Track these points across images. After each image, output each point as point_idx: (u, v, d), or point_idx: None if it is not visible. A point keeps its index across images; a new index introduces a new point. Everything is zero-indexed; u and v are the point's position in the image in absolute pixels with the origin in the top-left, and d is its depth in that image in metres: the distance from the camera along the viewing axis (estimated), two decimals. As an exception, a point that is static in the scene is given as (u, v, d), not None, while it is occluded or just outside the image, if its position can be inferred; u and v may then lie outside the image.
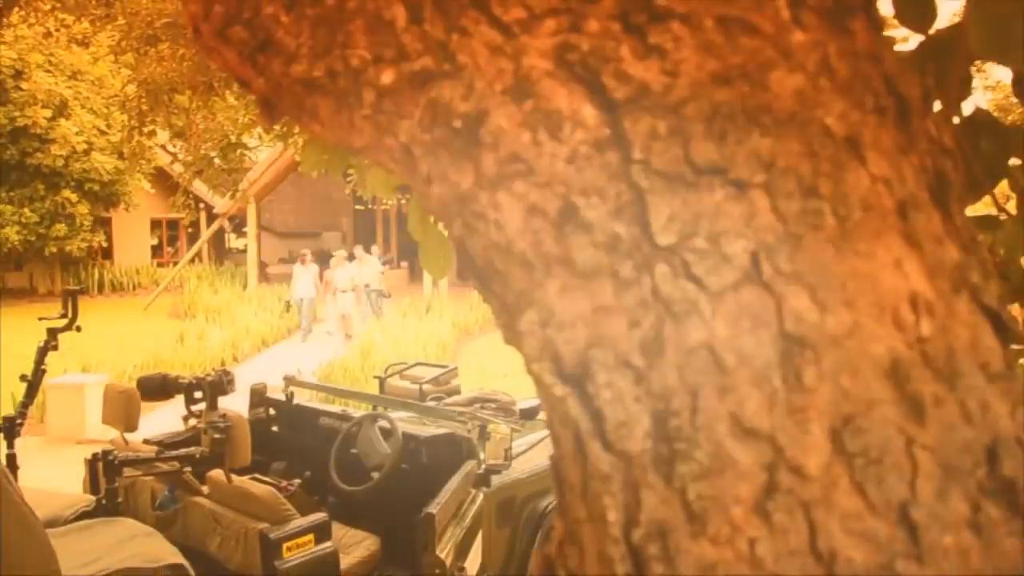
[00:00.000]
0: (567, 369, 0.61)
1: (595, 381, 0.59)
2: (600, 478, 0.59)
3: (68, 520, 3.93)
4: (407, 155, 0.79)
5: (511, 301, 0.69)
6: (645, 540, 0.56)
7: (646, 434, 0.57)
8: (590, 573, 0.63)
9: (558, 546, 0.71)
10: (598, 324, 0.60)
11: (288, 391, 5.23)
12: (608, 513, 0.58)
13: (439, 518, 3.72)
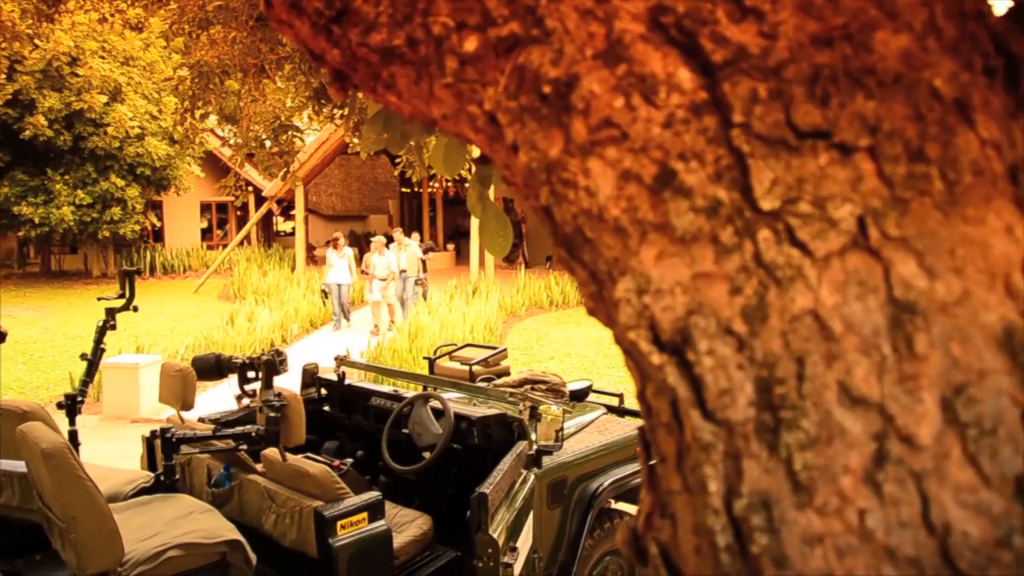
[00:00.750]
0: (665, 337, 0.60)
1: (695, 348, 0.58)
2: (700, 447, 0.57)
3: (128, 495, 4.01)
4: (491, 124, 0.78)
5: (602, 269, 0.68)
6: (748, 511, 0.55)
7: (749, 402, 0.56)
8: (684, 546, 0.62)
9: (646, 519, 0.71)
10: (698, 291, 0.59)
11: (340, 371, 5.27)
12: (708, 483, 0.57)
13: (492, 498, 3.73)
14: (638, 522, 0.72)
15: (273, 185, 21.59)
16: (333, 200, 31.64)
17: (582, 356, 12.83)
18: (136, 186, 21.52)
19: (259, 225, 25.93)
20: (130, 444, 8.62)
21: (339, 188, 31.89)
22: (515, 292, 17.12)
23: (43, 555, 4.24)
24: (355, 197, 32.31)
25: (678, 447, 0.61)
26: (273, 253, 24.68)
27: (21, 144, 20.12)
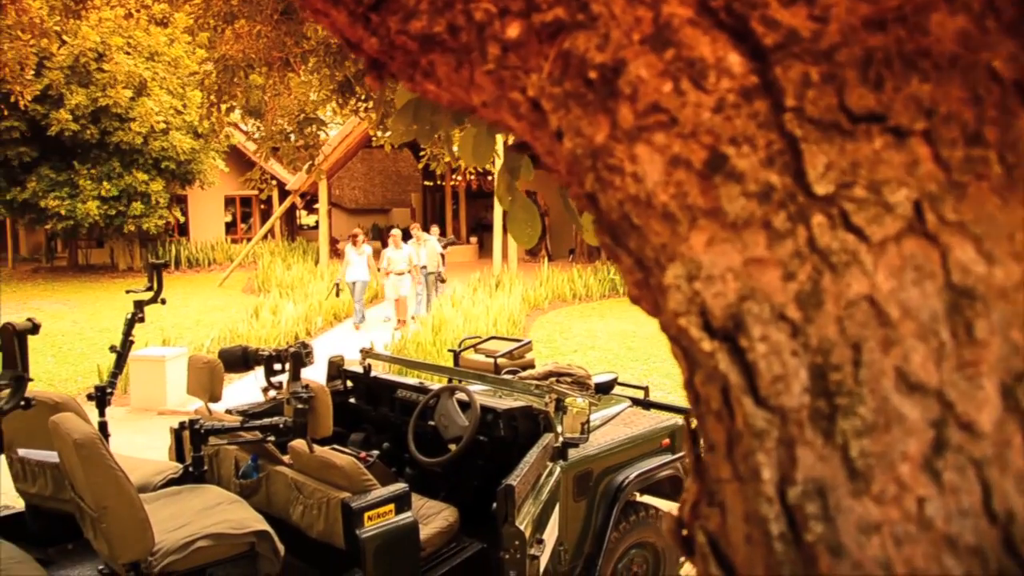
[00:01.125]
0: (716, 323, 0.59)
1: (748, 335, 0.57)
2: (752, 435, 0.57)
3: (157, 486, 4.05)
4: (534, 110, 0.77)
5: (649, 256, 0.67)
6: (802, 499, 0.54)
7: (804, 389, 0.55)
8: (734, 534, 0.62)
9: (692, 508, 0.70)
10: (750, 276, 0.58)
11: (365, 363, 5.29)
12: (762, 471, 0.56)
13: (518, 490, 3.73)
14: (684, 511, 0.72)
15: (297, 179, 21.69)
16: (356, 194, 31.72)
17: (605, 349, 12.81)
18: (161, 180, 21.69)
19: (283, 219, 26.05)
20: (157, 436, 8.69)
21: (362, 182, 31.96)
22: (538, 285, 17.12)
23: (75, 544, 4.29)
24: (378, 191, 32.37)
25: (728, 435, 0.61)
26: (297, 247, 24.80)
27: (48, 139, 20.33)
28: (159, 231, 23.02)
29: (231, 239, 27.24)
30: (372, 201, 32.06)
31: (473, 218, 28.82)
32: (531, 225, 2.12)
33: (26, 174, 20.76)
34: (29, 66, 9.16)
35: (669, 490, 5.30)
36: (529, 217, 2.11)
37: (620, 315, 15.59)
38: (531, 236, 2.13)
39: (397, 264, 14.78)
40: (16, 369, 2.57)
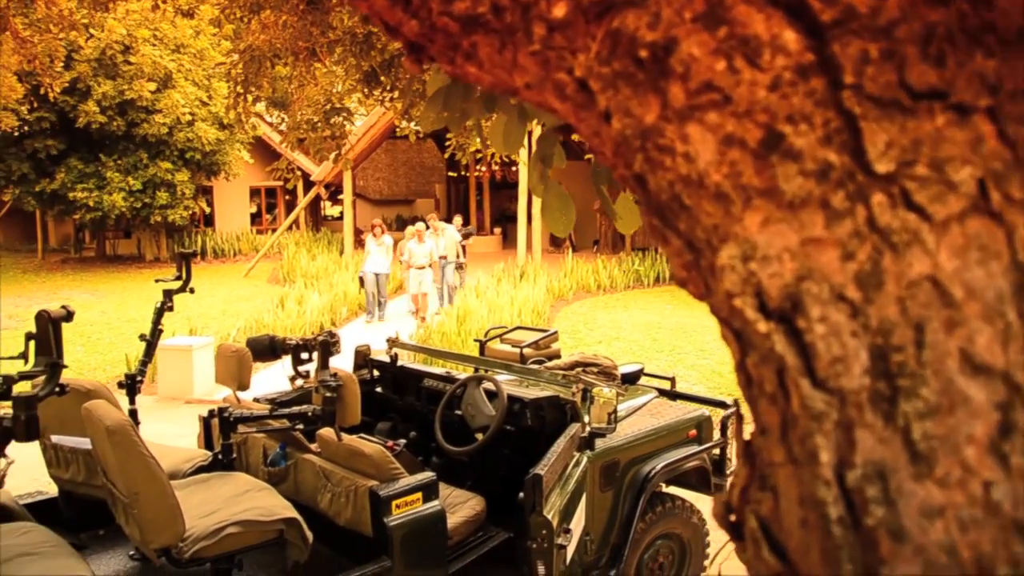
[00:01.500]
0: (772, 304, 0.58)
1: (807, 315, 0.56)
2: (810, 417, 0.56)
3: (186, 473, 4.08)
4: (580, 91, 0.76)
5: (699, 237, 0.66)
6: (862, 482, 0.53)
7: (864, 370, 0.54)
8: (787, 518, 0.61)
9: (742, 492, 0.69)
10: (807, 257, 0.57)
11: (392, 353, 5.30)
12: (819, 453, 0.55)
13: (546, 480, 3.73)
14: (732, 496, 0.71)
15: (321, 169, 21.76)
16: (380, 184, 31.80)
17: (630, 340, 12.78)
18: (186, 171, 21.82)
19: (307, 210, 26.16)
20: (185, 424, 8.78)
21: (386, 172, 32.03)
22: (562, 276, 17.09)
23: (106, 530, 4.34)
24: (402, 181, 32.44)
25: (783, 418, 0.60)
26: (321, 237, 24.89)
27: (76, 131, 20.50)
28: (185, 222, 23.16)
29: (256, 230, 27.38)
30: (396, 192, 32.13)
31: (497, 209, 28.79)
32: (565, 213, 2.12)
33: (55, 166, 20.96)
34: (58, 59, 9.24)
35: (695, 481, 5.29)
36: (563, 205, 2.10)
37: (645, 306, 15.54)
38: (565, 225, 2.12)
39: (418, 258, 14.42)
40: (51, 356, 2.60)
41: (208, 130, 21.49)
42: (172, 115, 20.48)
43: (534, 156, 2.05)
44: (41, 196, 21.35)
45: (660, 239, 0.75)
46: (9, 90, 15.02)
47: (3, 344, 12.93)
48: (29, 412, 2.42)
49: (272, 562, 4.08)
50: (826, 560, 0.55)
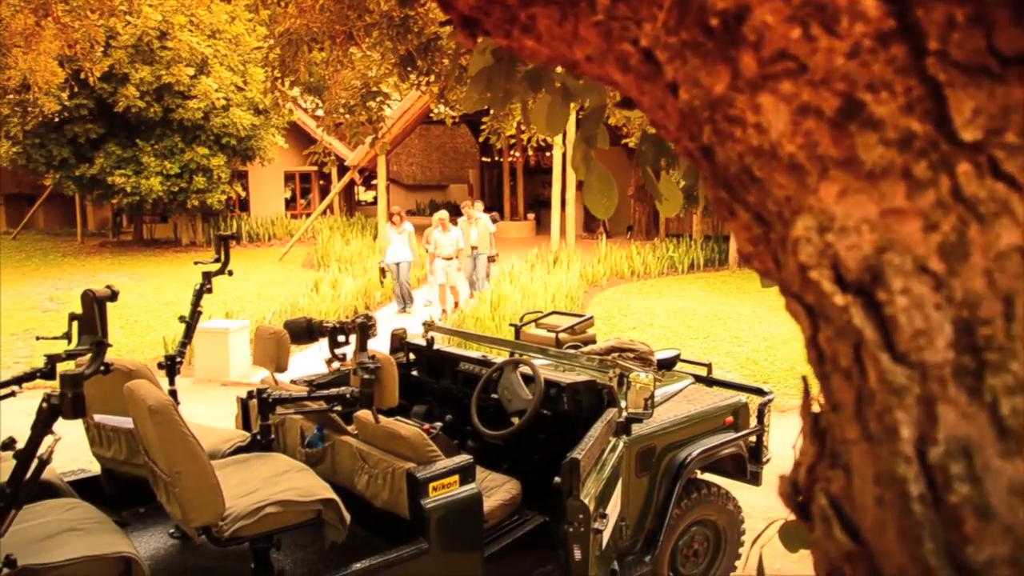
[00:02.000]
0: (850, 276, 0.57)
1: (888, 287, 0.55)
2: (890, 392, 0.54)
3: (225, 453, 4.12)
4: (645, 62, 0.75)
5: (771, 210, 0.65)
6: (945, 459, 0.52)
7: (948, 344, 0.53)
8: (861, 496, 0.60)
9: (809, 471, 0.68)
10: (888, 228, 0.55)
11: (428, 336, 5.32)
12: (900, 429, 0.54)
13: (583, 464, 3.72)
14: (798, 474, 0.70)
15: (356, 154, 21.83)
16: (414, 170, 31.88)
17: (664, 327, 12.73)
18: (222, 156, 21.98)
19: (341, 195, 26.27)
20: (222, 406, 8.86)
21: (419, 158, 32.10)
22: (596, 262, 17.04)
23: (147, 508, 4.40)
24: (435, 167, 32.49)
25: (858, 393, 0.58)
26: (355, 222, 25.00)
27: (115, 117, 20.72)
28: (221, 206, 23.35)
29: (291, 214, 27.56)
30: (430, 177, 32.20)
31: (530, 194, 28.75)
32: (607, 195, 2.10)
33: (94, 151, 21.20)
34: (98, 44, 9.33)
35: (731, 468, 5.26)
36: (605, 187, 2.09)
37: (679, 293, 15.47)
38: (608, 207, 2.11)
39: (444, 248, 13.66)
40: (96, 335, 2.63)
41: (243, 115, 21.63)
42: (207, 100, 20.63)
43: (577, 137, 2.03)
44: (80, 180, 21.62)
45: (727, 213, 0.74)
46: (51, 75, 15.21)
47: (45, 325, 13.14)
48: (76, 390, 2.46)
49: (309, 542, 4.11)
50: (904, 538, 0.54)
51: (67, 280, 18.86)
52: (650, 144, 1.98)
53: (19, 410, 7.54)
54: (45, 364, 4.10)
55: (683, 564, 4.99)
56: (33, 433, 2.57)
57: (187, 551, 4.09)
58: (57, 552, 2.87)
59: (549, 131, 2.09)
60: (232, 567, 3.91)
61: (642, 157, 1.99)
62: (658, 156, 1.99)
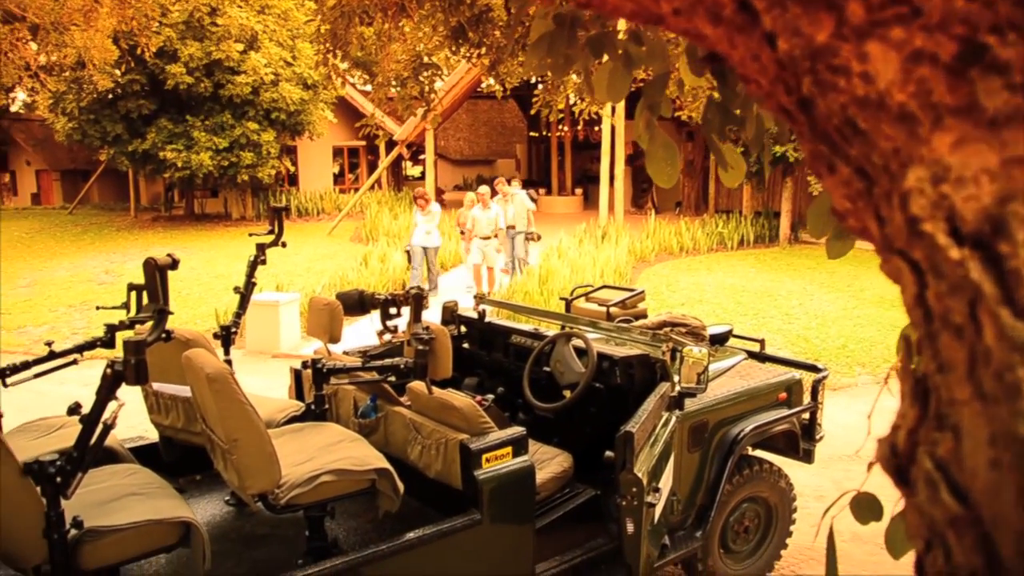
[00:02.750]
0: (967, 228, 0.54)
1: (1011, 240, 0.52)
2: (1010, 349, 0.52)
3: (280, 423, 4.17)
4: (739, 13, 0.73)
5: (876, 163, 0.62)
6: (1072, 418, 0.50)
7: (1076, 298, 0.50)
8: (971, 459, 0.57)
9: (910, 433, 0.66)
10: (1011, 177, 0.53)
11: (480, 309, 5.32)
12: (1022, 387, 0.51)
13: (637, 437, 3.70)
14: (897, 437, 0.68)
15: (404, 129, 21.88)
16: (461, 145, 31.88)
17: (713, 303, 12.62)
18: (271, 131, 22.15)
19: (389, 169, 26.36)
20: (272, 378, 8.98)
21: (467, 133, 32.08)
22: (644, 237, 16.93)
23: (203, 476, 4.48)
24: (483, 142, 32.44)
25: (972, 352, 0.56)
26: (403, 196, 25.08)
27: (166, 93, 20.98)
28: (270, 181, 23.57)
29: (339, 189, 27.74)
30: (477, 152, 32.17)
31: (578, 169, 28.59)
32: (670, 163, 2.07)
33: (146, 126, 21.50)
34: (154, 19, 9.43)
35: (783, 445, 5.20)
36: (668, 155, 2.06)
37: (728, 269, 15.31)
38: (670, 174, 2.08)
39: (482, 227, 12.72)
40: (158, 303, 2.67)
41: (292, 90, 21.76)
42: (256, 76, 20.79)
43: (640, 104, 2.00)
44: (133, 156, 21.95)
45: (824, 168, 0.71)
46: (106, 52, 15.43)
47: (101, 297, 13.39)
48: (138, 356, 2.49)
49: (362, 512, 4.16)
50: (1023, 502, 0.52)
51: (121, 254, 19.20)
52: (716, 111, 1.94)
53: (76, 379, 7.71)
54: (105, 333, 4.19)
55: (733, 540, 4.96)
56: (98, 399, 2.62)
57: (242, 518, 4.16)
58: (120, 515, 2.93)
59: (610, 97, 2.06)
60: (285, 535, 3.97)
61: (708, 125, 1.95)
62: (724, 124, 1.95)
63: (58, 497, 2.68)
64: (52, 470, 2.65)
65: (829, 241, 1.70)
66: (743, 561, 5.03)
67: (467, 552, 3.56)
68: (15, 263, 18.63)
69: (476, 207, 12.90)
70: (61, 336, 11.62)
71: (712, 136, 1.99)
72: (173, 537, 3.03)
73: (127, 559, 2.99)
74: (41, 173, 33.90)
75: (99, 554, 2.84)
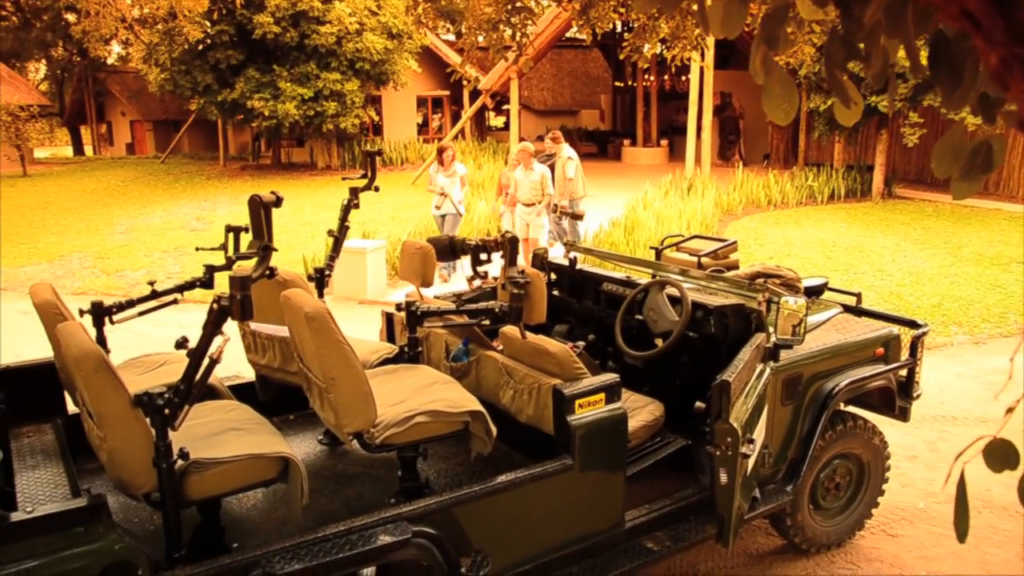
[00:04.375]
0: None
1: None
2: None
3: (373, 364, 4.22)
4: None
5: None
6: None
7: None
8: None
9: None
10: None
11: (570, 256, 5.28)
12: None
13: (734, 387, 3.63)
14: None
15: (488, 78, 21.75)
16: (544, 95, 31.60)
17: (802, 257, 12.34)
18: (356, 81, 22.26)
19: (473, 119, 26.32)
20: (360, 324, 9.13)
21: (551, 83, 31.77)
22: (731, 190, 16.60)
23: (296, 415, 4.57)
24: (567, 92, 32.10)
25: None
26: (487, 146, 25.05)
27: (253, 43, 21.24)
28: (355, 130, 23.74)
29: (422, 139, 27.83)
30: (561, 102, 31.86)
31: (664, 120, 28.11)
32: (788, 100, 1.98)
33: (234, 76, 21.82)
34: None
35: (878, 402, 5.06)
36: (786, 92, 1.97)
37: (818, 223, 14.93)
38: (787, 111, 1.99)
39: (525, 191, 10.73)
40: (263, 239, 2.70)
41: (377, 40, 21.80)
42: (341, 25, 20.87)
43: (757, 38, 1.92)
44: (222, 105, 22.34)
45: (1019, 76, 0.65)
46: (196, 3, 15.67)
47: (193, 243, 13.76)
48: (244, 292, 2.52)
49: (452, 454, 4.19)
50: None
51: (211, 201, 19.66)
52: (839, 44, 1.85)
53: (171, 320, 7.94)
54: (204, 274, 4.28)
55: (824, 497, 4.87)
56: (204, 333, 2.67)
57: (334, 457, 4.24)
58: (223, 449, 3.00)
59: (725, 31, 1.98)
60: (377, 474, 4.03)
61: (830, 59, 1.86)
62: (847, 58, 1.86)
63: (166, 428, 2.75)
64: (161, 402, 2.71)
65: (955, 181, 1.62)
66: (832, 518, 4.94)
67: (557, 497, 3.57)
68: (112, 210, 19.25)
69: (519, 169, 10.95)
70: (157, 280, 11.99)
71: (834, 70, 1.90)
72: (272, 472, 3.10)
73: (228, 491, 3.06)
74: (135, 123, 34.90)
75: (203, 485, 2.92)
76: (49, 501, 2.98)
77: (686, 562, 4.75)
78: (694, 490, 4.20)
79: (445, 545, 3.20)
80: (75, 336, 2.82)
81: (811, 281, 5.33)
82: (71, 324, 3.02)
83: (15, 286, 12.61)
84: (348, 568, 3.01)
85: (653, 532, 4.02)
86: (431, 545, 3.15)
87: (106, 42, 22.87)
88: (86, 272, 13.44)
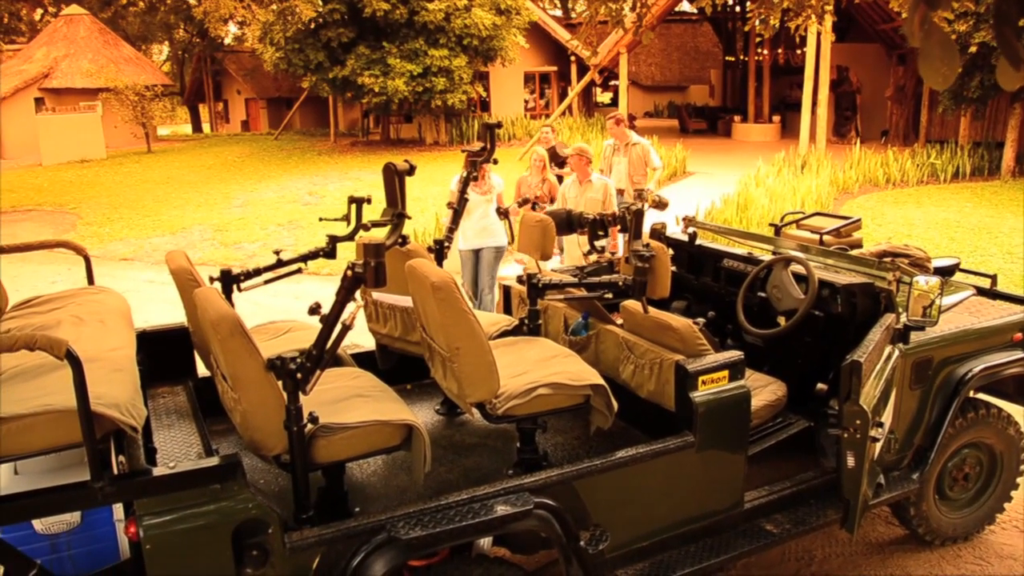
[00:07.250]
0: None
1: None
2: None
3: (492, 336, 4.22)
4: None
5: None
6: None
7: None
8: None
9: None
10: None
11: (689, 231, 5.18)
12: None
13: (864, 368, 3.50)
14: None
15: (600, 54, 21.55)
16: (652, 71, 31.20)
17: (924, 238, 11.87)
18: (463, 57, 22.36)
19: (580, 96, 26.15)
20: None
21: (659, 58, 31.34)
22: (847, 167, 16.08)
23: (414, 385, 4.63)
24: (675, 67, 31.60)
25: None
26: (594, 123, 24.86)
27: (364, 20, 21.58)
28: (463, 107, 23.88)
29: (530, 115, 27.80)
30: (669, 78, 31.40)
31: (776, 96, 27.36)
32: (948, 63, 1.88)
33: (345, 54, 22.22)
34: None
35: (1013, 390, 4.81)
36: (946, 54, 1.87)
37: (940, 203, 14.33)
38: (947, 75, 1.89)
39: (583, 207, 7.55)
40: (396, 207, 2.71)
41: (484, 16, 21.84)
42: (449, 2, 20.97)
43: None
44: (333, 82, 22.78)
45: None
46: (308, -19, 15.96)
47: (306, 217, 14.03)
48: (378, 259, 2.55)
49: (569, 428, 4.18)
50: None
51: (323, 177, 20.08)
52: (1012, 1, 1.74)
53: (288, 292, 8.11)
54: (327, 244, 4.37)
55: (951, 487, 4.67)
56: (337, 300, 2.71)
57: (452, 427, 4.28)
58: (350, 414, 3.05)
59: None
60: (495, 446, 4.05)
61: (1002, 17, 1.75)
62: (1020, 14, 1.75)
63: (297, 392, 2.81)
64: (293, 366, 2.77)
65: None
66: (959, 510, 4.74)
67: (677, 474, 3.52)
68: (229, 184, 19.87)
69: (568, 180, 8.65)
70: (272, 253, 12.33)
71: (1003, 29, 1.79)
72: (396, 439, 3.13)
73: (354, 456, 3.11)
74: (250, 101, 35.96)
75: (331, 449, 2.98)
76: (184, 459, 3.08)
77: (802, 547, 4.64)
78: (815, 473, 4.09)
79: (565, 518, 3.19)
80: (212, 300, 2.91)
81: (941, 261, 5.10)
82: (208, 289, 3.11)
83: (141, 256, 13.16)
84: (469, 536, 3.03)
85: (772, 514, 3.94)
86: (551, 517, 3.15)
87: (224, 22, 23.58)
88: (206, 244, 13.94)
